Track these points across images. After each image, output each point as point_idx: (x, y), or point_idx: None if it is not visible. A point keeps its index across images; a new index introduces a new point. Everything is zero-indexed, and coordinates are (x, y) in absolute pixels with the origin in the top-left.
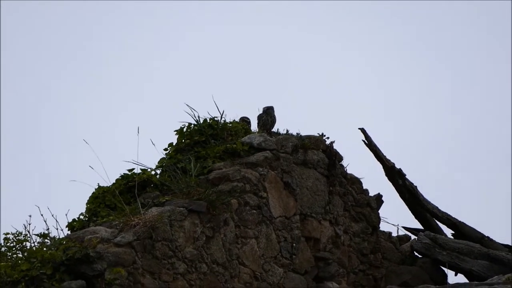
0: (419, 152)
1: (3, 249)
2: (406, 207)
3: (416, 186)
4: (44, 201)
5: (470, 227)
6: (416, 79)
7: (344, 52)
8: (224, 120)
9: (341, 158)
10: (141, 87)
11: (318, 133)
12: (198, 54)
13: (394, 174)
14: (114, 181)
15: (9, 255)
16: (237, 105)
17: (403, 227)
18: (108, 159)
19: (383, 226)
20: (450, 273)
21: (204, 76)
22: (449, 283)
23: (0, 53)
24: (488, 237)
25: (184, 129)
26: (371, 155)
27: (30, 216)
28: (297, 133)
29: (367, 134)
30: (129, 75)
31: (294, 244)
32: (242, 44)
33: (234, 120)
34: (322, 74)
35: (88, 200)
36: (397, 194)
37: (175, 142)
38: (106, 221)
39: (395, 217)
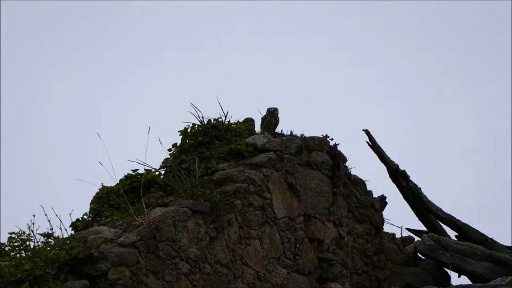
0: (423, 153)
1: (7, 248)
2: (409, 208)
3: (420, 188)
4: (48, 200)
5: (473, 228)
6: (419, 81)
7: (348, 53)
8: (228, 121)
9: (345, 160)
10: (148, 87)
11: (322, 135)
12: (203, 55)
13: (398, 176)
14: (118, 181)
15: (13, 255)
16: (242, 106)
17: (407, 229)
18: (112, 158)
19: (387, 228)
20: (453, 275)
21: (209, 77)
22: (452, 285)
23: (0, 47)
24: (491, 238)
25: (188, 130)
26: (375, 156)
27: (34, 215)
28: (301, 134)
29: (371, 135)
30: (135, 73)
31: (297, 245)
32: (247, 45)
33: (238, 121)
34: (327, 75)
35: (92, 200)
36: (401, 196)
37: (179, 142)
38: (110, 221)
39: (399, 219)
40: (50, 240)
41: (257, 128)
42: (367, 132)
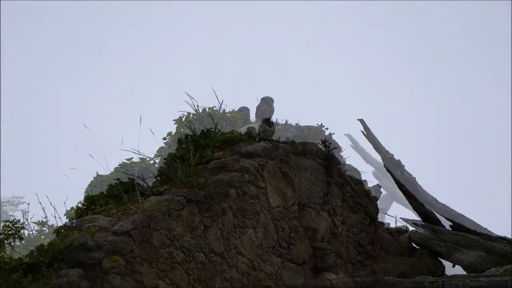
0: (418, 143)
1: (1, 237)
2: (404, 198)
3: (414, 178)
4: (42, 189)
5: (468, 219)
6: (418, 73)
7: (344, 45)
8: (224, 110)
9: (340, 149)
10: (144, 77)
11: (317, 124)
12: (200, 45)
13: (393, 165)
14: (113, 170)
15: (7, 243)
16: (237, 95)
17: (401, 218)
18: (107, 147)
19: (382, 217)
20: (448, 265)
21: (205, 67)
22: (446, 275)
23: (0, 42)
24: (486, 229)
25: (183, 118)
26: (370, 145)
27: (28, 204)
28: (296, 124)
29: (366, 125)
30: (132, 63)
31: (292, 234)
32: (243, 35)
33: (233, 110)
34: (322, 66)
35: (86, 189)
36: (396, 185)
37: (174, 131)
38: (105, 210)
39: (394, 209)
40: (44, 228)
41: (252, 117)
42: (362, 121)
